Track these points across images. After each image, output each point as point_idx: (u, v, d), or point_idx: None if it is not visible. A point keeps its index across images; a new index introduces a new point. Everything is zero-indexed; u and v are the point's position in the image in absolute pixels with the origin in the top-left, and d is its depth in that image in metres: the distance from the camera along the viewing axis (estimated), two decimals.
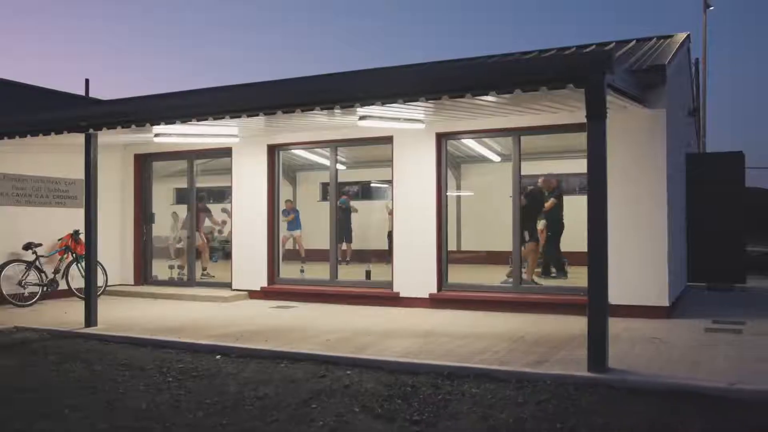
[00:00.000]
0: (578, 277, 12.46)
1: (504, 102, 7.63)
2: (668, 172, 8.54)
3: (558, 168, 13.31)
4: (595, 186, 5.69)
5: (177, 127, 8.70)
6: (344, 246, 15.33)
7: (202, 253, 13.19)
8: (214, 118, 7.54)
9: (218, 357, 6.81)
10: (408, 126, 8.99)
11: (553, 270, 11.73)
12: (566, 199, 12.07)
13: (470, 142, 11.30)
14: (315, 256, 15.26)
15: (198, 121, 7.65)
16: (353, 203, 16.45)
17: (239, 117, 7.39)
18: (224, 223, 14.39)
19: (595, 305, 5.69)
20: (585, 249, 5.70)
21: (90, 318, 8.27)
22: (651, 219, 8.47)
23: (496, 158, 13.47)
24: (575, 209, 11.43)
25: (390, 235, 11.94)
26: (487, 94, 6.05)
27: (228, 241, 14.90)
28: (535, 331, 7.67)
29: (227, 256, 14.25)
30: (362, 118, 8.00)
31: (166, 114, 7.69)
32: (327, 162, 13.07)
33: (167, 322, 8.76)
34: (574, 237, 12.76)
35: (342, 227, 15.25)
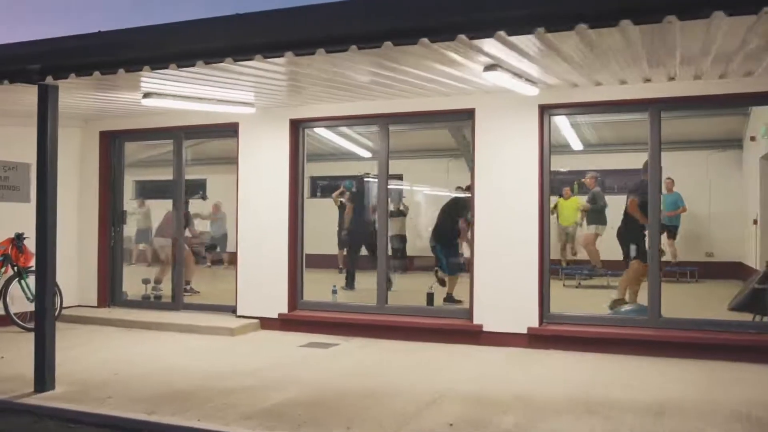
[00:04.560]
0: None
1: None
2: None
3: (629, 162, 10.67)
4: None
5: (175, 79, 5.79)
6: (345, 252, 12.45)
7: (187, 264, 10.14)
8: (248, 57, 4.60)
9: None
10: (520, 89, 6.23)
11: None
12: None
13: (564, 122, 8.61)
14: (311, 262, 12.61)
15: (220, 60, 4.68)
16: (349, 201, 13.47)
17: (281, 56, 4.51)
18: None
19: None
20: None
21: (44, 377, 5.14)
22: None
23: (579, 146, 10.81)
24: None
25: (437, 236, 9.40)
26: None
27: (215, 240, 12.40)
28: (739, 397, 5.02)
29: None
30: (489, 67, 5.13)
31: (175, 47, 4.70)
32: (352, 147, 10.68)
33: (163, 378, 5.73)
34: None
35: (342, 228, 12.64)
